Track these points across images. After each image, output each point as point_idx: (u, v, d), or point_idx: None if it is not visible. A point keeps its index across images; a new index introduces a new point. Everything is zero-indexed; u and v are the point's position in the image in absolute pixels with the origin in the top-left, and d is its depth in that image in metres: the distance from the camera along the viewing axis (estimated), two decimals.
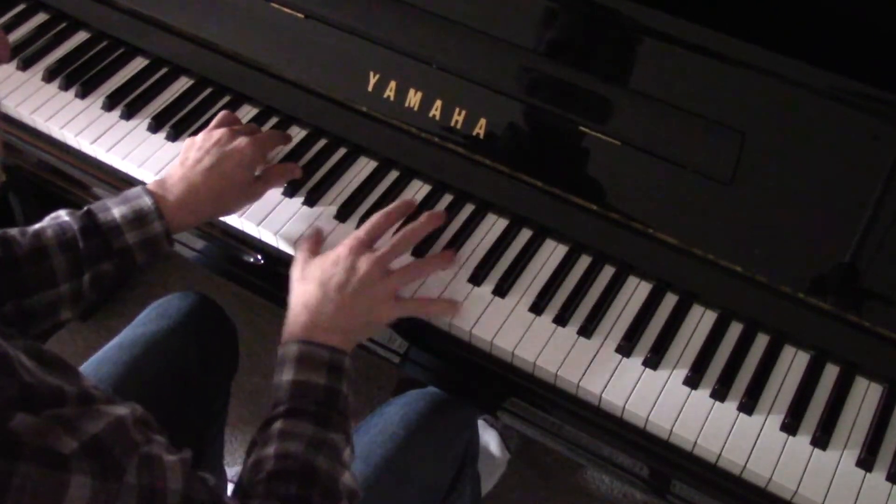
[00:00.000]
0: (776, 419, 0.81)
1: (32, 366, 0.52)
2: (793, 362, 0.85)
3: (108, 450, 0.52)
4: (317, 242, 0.88)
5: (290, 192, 0.97)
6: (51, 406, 0.51)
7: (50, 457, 0.48)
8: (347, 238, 0.84)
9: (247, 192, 0.90)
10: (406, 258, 0.89)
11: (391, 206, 0.90)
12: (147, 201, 0.82)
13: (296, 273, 0.83)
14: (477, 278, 0.90)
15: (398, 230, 0.90)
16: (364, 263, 0.81)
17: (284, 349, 0.77)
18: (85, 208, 0.82)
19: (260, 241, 0.97)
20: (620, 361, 0.85)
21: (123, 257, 0.81)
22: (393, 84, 0.96)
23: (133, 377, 0.93)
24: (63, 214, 0.81)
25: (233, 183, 0.87)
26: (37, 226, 0.80)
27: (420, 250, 0.92)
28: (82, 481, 0.49)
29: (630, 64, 0.86)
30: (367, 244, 0.84)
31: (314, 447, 0.69)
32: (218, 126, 0.93)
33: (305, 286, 0.81)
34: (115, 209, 0.81)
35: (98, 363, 0.95)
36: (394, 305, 0.83)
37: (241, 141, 0.89)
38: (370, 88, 0.97)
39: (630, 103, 0.87)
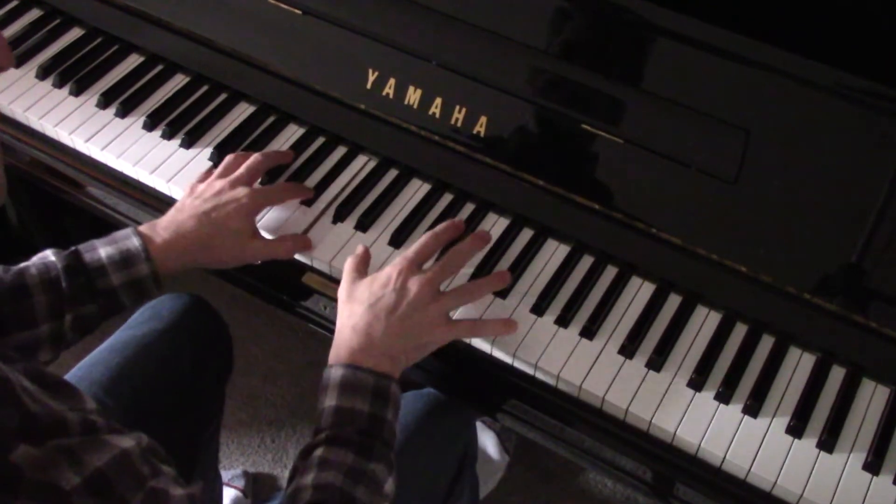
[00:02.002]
0: (782, 422, 0.80)
1: (35, 389, 0.51)
2: (798, 364, 0.84)
3: (112, 485, 0.50)
4: (364, 262, 0.85)
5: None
6: (54, 436, 0.50)
7: (50, 493, 0.47)
8: (396, 259, 0.82)
9: (241, 246, 0.86)
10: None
11: (440, 226, 0.87)
12: (135, 242, 0.80)
13: (342, 294, 0.81)
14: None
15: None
16: (414, 285, 0.79)
17: (329, 373, 0.75)
18: (71, 248, 0.80)
19: None
20: (623, 363, 0.84)
21: (108, 299, 0.79)
22: (392, 81, 0.95)
23: (125, 380, 0.92)
24: (49, 254, 0.79)
25: (225, 232, 0.85)
26: (23, 264, 0.79)
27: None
28: None
29: (633, 61, 0.85)
30: (416, 265, 0.81)
31: (354, 478, 0.68)
32: (223, 173, 0.91)
33: (353, 307, 0.78)
34: (102, 249, 0.80)
35: (90, 365, 0.94)
36: (447, 328, 0.80)
37: (240, 191, 0.87)
38: (369, 86, 0.96)
39: (633, 101, 0.86)
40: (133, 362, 0.94)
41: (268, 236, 0.92)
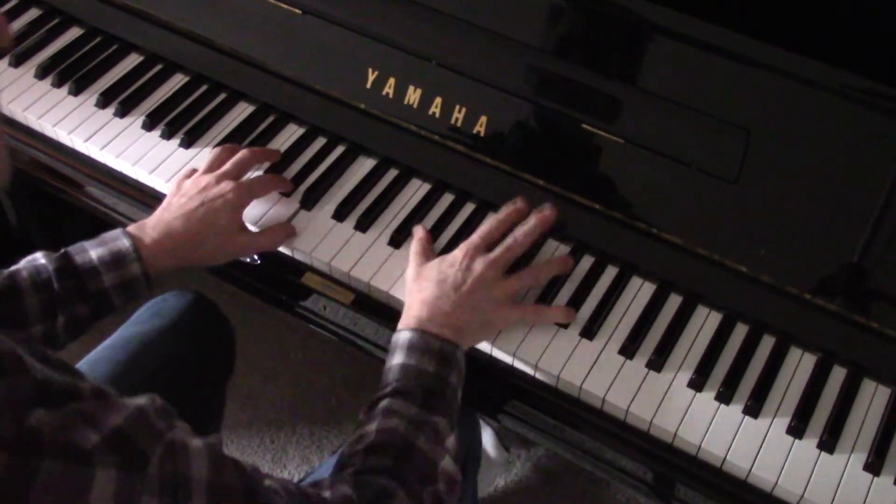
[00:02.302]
0: (782, 422, 0.80)
1: (41, 367, 0.52)
2: (799, 364, 0.84)
3: (132, 440, 0.51)
4: (429, 243, 0.89)
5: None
6: (68, 401, 0.50)
7: (73, 452, 0.48)
8: (463, 243, 0.85)
9: (230, 241, 0.87)
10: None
11: (503, 211, 0.88)
12: (125, 243, 0.81)
13: (412, 273, 0.84)
14: None
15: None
16: (480, 265, 0.82)
17: (398, 336, 0.78)
18: (62, 250, 0.80)
19: None
20: (624, 363, 0.83)
21: (100, 300, 0.80)
22: (392, 81, 0.95)
23: (127, 377, 0.92)
24: (39, 256, 0.79)
25: (214, 229, 0.85)
26: (13, 267, 0.79)
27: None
28: (107, 475, 0.49)
29: (633, 60, 0.85)
30: (482, 248, 0.84)
31: (416, 426, 0.70)
32: (209, 168, 0.91)
33: (422, 283, 0.82)
34: (93, 251, 0.80)
35: (91, 363, 0.94)
36: (511, 308, 0.83)
37: (226, 186, 0.87)
38: (369, 85, 0.96)
39: (633, 100, 0.86)
40: (135, 360, 0.94)
41: (254, 229, 0.92)
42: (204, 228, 0.85)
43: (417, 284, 0.82)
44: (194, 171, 0.93)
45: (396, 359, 0.76)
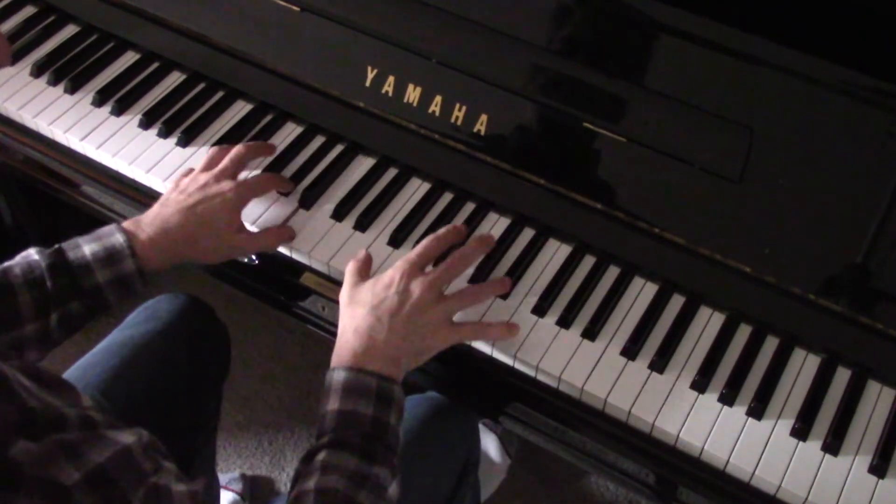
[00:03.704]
0: (786, 424, 0.79)
1: (32, 386, 0.50)
2: (803, 366, 0.83)
3: (113, 481, 0.50)
4: (366, 265, 0.83)
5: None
6: (53, 431, 0.49)
7: (51, 489, 0.47)
8: (398, 261, 0.81)
9: (228, 240, 0.86)
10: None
11: (442, 230, 0.86)
12: (120, 238, 0.79)
13: (344, 297, 0.80)
14: (477, 280, 0.88)
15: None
16: (417, 287, 0.78)
17: (331, 376, 0.74)
18: (55, 246, 0.79)
19: None
20: (626, 365, 0.83)
21: (93, 297, 0.78)
22: (391, 79, 0.94)
23: (121, 381, 0.91)
24: (33, 252, 0.78)
25: (211, 227, 0.84)
26: (6, 263, 0.77)
27: None
28: None
29: (635, 58, 0.84)
30: (419, 268, 0.81)
31: (357, 483, 0.67)
32: (206, 166, 0.90)
33: (355, 310, 0.77)
34: (87, 247, 0.78)
35: (85, 367, 0.93)
36: (449, 330, 0.80)
37: (226, 185, 0.86)
38: (368, 83, 0.95)
39: (636, 99, 0.85)
40: (129, 363, 0.93)
41: (253, 229, 0.91)
42: (202, 226, 0.83)
43: (350, 310, 0.78)
44: (192, 170, 0.91)
45: (332, 403, 0.72)
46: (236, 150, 0.91)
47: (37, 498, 0.46)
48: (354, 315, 0.77)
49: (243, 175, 0.93)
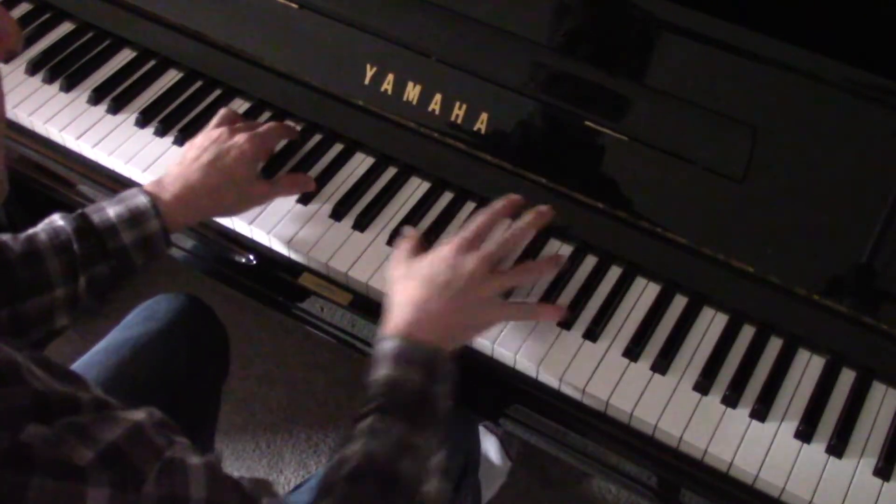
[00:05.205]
0: (790, 426, 0.78)
1: (43, 375, 0.51)
2: (807, 367, 0.82)
3: (127, 458, 0.50)
4: (418, 244, 0.84)
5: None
6: (65, 414, 0.50)
7: (65, 469, 0.47)
8: (453, 237, 0.81)
9: (248, 192, 0.88)
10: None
11: (497, 203, 0.85)
12: (143, 199, 0.81)
13: (398, 270, 0.81)
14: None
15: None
16: (470, 262, 0.78)
17: (382, 345, 0.74)
18: (79, 211, 0.80)
19: (252, 240, 0.94)
20: (628, 366, 0.82)
21: (120, 258, 0.80)
22: (391, 77, 0.93)
23: (120, 382, 0.91)
24: (57, 218, 0.80)
25: (231, 179, 0.86)
26: (30, 230, 0.79)
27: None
28: (100, 493, 0.48)
29: (638, 56, 0.84)
30: (473, 243, 0.81)
31: (400, 450, 0.67)
32: (218, 124, 0.92)
33: (408, 283, 0.78)
34: (111, 209, 0.80)
35: (85, 367, 0.93)
36: (501, 307, 0.81)
37: (241, 137, 0.88)
38: (367, 81, 0.94)
39: (638, 97, 0.85)
40: (128, 364, 0.93)
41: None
42: (223, 179, 0.85)
43: (403, 283, 0.78)
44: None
45: (382, 370, 0.72)
46: (254, 122, 0.94)
47: (51, 479, 0.46)
48: (407, 287, 0.78)
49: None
